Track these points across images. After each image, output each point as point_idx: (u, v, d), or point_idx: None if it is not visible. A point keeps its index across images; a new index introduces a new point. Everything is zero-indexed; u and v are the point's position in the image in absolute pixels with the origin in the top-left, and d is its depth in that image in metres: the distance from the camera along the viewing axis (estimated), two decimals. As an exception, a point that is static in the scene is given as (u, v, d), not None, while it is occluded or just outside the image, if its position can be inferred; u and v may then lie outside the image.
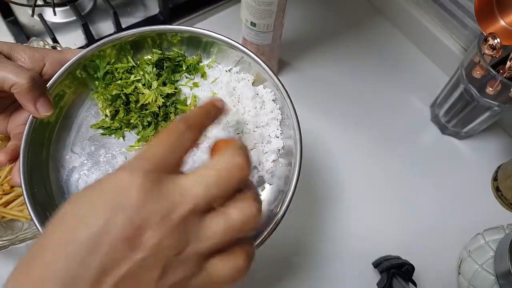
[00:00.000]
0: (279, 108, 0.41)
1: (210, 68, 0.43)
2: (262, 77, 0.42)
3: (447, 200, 0.60)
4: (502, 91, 0.53)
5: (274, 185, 0.40)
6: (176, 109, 0.41)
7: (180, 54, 0.43)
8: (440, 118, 0.66)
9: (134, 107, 0.40)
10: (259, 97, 0.42)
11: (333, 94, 0.68)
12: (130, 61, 0.41)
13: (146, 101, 0.39)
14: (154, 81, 0.40)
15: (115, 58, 0.41)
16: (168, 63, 0.42)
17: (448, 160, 0.64)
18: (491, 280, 0.48)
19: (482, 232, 0.53)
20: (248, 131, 0.41)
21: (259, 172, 0.41)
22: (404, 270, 0.51)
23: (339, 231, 0.56)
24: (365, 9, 0.80)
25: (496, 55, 0.52)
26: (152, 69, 0.40)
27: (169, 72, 0.42)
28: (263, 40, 0.59)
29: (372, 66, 0.72)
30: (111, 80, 0.41)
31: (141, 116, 0.40)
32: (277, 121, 0.41)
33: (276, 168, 0.40)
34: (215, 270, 0.24)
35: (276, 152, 0.41)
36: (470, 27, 0.65)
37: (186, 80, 0.43)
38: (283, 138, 0.41)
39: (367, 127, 0.66)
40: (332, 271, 0.54)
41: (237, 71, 0.44)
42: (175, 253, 0.22)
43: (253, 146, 0.40)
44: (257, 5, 0.53)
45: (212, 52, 0.43)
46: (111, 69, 0.40)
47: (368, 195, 0.60)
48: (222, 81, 0.43)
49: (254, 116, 0.41)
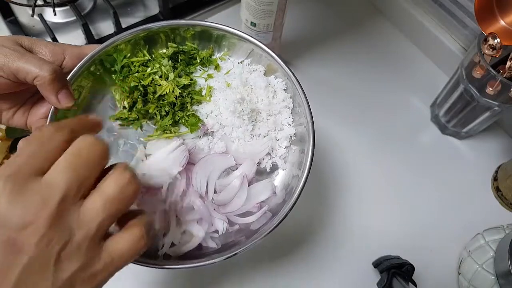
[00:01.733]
0: (290, 97, 0.43)
1: (222, 60, 0.45)
2: (273, 67, 0.43)
3: (447, 200, 0.60)
4: (502, 91, 0.53)
5: (287, 170, 0.42)
6: (192, 99, 0.42)
7: (194, 47, 0.44)
8: (440, 118, 0.66)
9: (152, 98, 0.41)
10: (271, 87, 0.43)
11: (333, 94, 0.68)
12: (146, 55, 0.42)
13: (163, 91, 0.40)
14: (171, 73, 0.41)
15: (130, 53, 0.42)
16: (182, 56, 0.43)
17: (448, 160, 0.64)
18: (491, 280, 0.48)
19: (482, 232, 0.53)
20: (261, 119, 0.42)
21: (273, 158, 0.42)
22: (404, 270, 0.51)
23: (339, 231, 0.56)
24: (365, 9, 0.80)
25: (496, 55, 0.52)
26: (167, 62, 0.42)
27: (184, 65, 0.43)
28: (263, 40, 0.58)
29: (372, 66, 0.72)
30: (127, 73, 0.42)
31: (159, 106, 0.41)
32: (288, 109, 0.43)
33: (289, 154, 0.42)
34: (115, 247, 0.24)
35: (289, 139, 0.43)
36: (470, 27, 0.65)
37: (200, 72, 0.44)
38: (295, 126, 0.43)
39: (367, 127, 0.66)
40: (332, 271, 0.54)
41: (248, 62, 0.45)
42: (62, 245, 0.22)
43: (267, 133, 0.42)
44: (257, 5, 0.53)
45: (224, 45, 0.45)
46: (127, 63, 0.42)
47: (368, 194, 0.60)
48: (235, 72, 0.44)
49: (268, 104, 0.42)
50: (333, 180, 0.60)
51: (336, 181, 0.60)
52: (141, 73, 0.41)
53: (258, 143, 0.42)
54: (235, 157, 0.41)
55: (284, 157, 0.42)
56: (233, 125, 0.42)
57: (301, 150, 0.41)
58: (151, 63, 0.42)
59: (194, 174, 0.39)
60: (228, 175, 0.41)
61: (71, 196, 0.23)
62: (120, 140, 0.42)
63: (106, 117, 0.42)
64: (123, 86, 0.41)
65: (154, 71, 0.41)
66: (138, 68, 0.42)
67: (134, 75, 0.41)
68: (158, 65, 0.42)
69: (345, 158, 0.62)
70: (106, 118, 0.42)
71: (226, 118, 0.42)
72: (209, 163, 0.40)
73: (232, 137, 0.42)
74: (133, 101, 0.41)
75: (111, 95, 0.43)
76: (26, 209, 0.22)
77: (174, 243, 0.38)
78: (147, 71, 0.41)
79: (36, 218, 0.22)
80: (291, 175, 0.41)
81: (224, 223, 0.39)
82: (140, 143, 0.42)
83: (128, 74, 0.42)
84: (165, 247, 0.37)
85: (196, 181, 0.39)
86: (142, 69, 0.42)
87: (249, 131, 0.42)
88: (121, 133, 0.42)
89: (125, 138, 0.42)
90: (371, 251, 0.55)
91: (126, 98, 0.41)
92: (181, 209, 0.38)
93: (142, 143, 0.42)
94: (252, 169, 0.41)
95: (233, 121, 0.41)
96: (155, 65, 0.41)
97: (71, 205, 0.23)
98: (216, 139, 0.42)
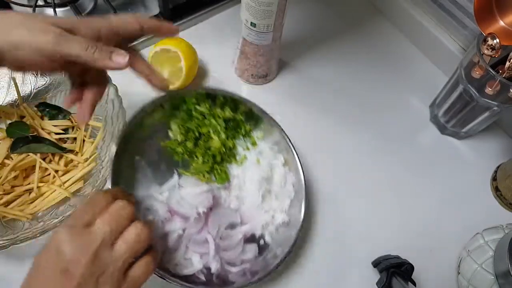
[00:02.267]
0: (294, 190, 0.52)
1: (258, 139, 0.54)
2: (290, 162, 0.53)
3: (446, 199, 0.60)
4: (501, 91, 0.53)
5: (271, 245, 0.50)
6: (230, 160, 0.51)
7: (241, 120, 0.53)
8: (439, 118, 0.66)
9: (202, 144, 0.50)
10: (284, 177, 0.52)
11: (333, 93, 0.68)
12: (207, 108, 0.51)
13: (213, 145, 0.50)
14: (223, 133, 0.51)
15: (196, 101, 0.51)
16: (232, 123, 0.52)
17: (447, 160, 0.64)
18: (491, 279, 0.48)
19: (482, 232, 0.53)
20: (270, 198, 0.52)
21: (264, 230, 0.51)
22: (404, 269, 0.51)
23: (338, 230, 0.56)
24: (365, 9, 0.80)
25: (495, 55, 0.52)
26: (222, 123, 0.51)
27: (233, 130, 0.52)
28: (263, 40, 0.59)
29: (371, 66, 0.72)
30: (190, 115, 0.51)
31: (205, 153, 0.50)
32: (289, 199, 0.52)
33: (277, 232, 0.51)
34: (134, 273, 0.36)
35: (282, 221, 0.51)
36: (469, 28, 0.65)
37: (241, 141, 0.53)
38: (288, 214, 0.51)
39: (366, 127, 0.66)
40: (331, 271, 0.54)
41: (275, 149, 0.54)
42: (100, 273, 0.34)
43: (268, 210, 0.51)
44: (257, 6, 0.53)
45: (261, 127, 0.54)
46: (192, 107, 0.50)
47: (367, 194, 0.60)
48: (265, 153, 0.53)
49: (278, 189, 0.52)
50: (332, 179, 0.60)
51: (335, 180, 0.60)
52: (203, 121, 0.51)
53: (260, 214, 0.50)
54: (241, 216, 0.50)
55: (271, 233, 0.50)
56: (249, 192, 0.51)
57: (288, 235, 0.48)
58: (209, 117, 0.51)
59: (211, 218, 0.48)
60: (232, 228, 0.49)
61: (107, 241, 0.35)
62: (163, 163, 0.51)
63: (159, 140, 0.51)
64: (183, 124, 0.50)
65: (213, 127, 0.50)
66: (198, 115, 0.51)
67: (195, 120, 0.50)
68: (215, 121, 0.51)
69: (344, 157, 0.62)
70: (159, 140, 0.51)
71: (247, 185, 0.51)
72: (223, 214, 0.49)
73: (245, 200, 0.51)
74: (185, 138, 0.50)
75: (167, 126, 0.51)
76: (78, 249, 0.33)
77: (176, 263, 0.46)
78: (206, 123, 0.50)
79: (83, 255, 0.33)
80: (274, 252, 0.49)
81: (218, 264, 0.47)
82: (175, 172, 0.51)
83: (190, 116, 0.51)
84: (170, 262, 0.46)
85: (212, 224, 0.48)
86: (201, 118, 0.51)
87: (258, 202, 0.51)
88: (165, 157, 0.51)
89: (166, 162, 0.51)
90: (370, 250, 0.55)
91: (180, 134, 0.50)
92: (194, 240, 0.47)
93: (177, 172, 0.51)
94: (250, 232, 0.50)
95: (250, 190, 0.51)
96: (212, 120, 0.51)
97: (106, 247, 0.34)
98: (233, 196, 0.51)
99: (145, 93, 0.66)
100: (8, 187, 0.51)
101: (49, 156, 0.54)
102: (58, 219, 0.47)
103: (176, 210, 0.47)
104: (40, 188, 0.52)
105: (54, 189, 0.52)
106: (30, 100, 0.59)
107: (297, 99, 0.67)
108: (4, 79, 0.58)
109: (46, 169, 0.53)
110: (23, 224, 0.50)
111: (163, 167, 0.51)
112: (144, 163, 0.50)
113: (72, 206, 0.50)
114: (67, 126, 0.57)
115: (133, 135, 0.48)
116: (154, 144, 0.50)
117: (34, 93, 0.59)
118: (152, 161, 0.50)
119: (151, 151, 0.50)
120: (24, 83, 0.59)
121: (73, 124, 0.57)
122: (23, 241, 0.45)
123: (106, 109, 0.56)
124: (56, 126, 0.56)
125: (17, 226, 0.50)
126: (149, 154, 0.50)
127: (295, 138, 0.53)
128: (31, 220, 0.50)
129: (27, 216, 0.50)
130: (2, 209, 0.50)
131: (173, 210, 0.47)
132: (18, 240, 0.45)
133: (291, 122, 0.55)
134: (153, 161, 0.50)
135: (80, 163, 0.54)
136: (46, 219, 0.50)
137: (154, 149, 0.50)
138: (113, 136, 0.53)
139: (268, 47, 0.61)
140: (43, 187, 0.52)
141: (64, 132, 0.56)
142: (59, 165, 0.54)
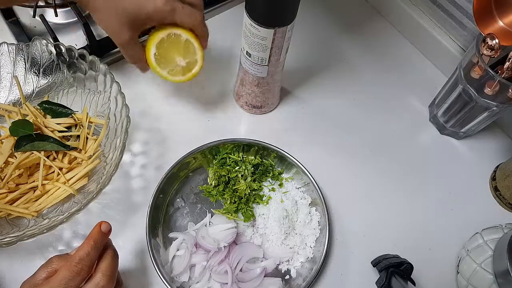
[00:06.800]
0: (320, 228, 0.55)
1: (287, 181, 0.59)
2: (316, 202, 0.56)
3: (446, 199, 0.61)
4: (501, 91, 0.54)
5: (295, 278, 0.53)
6: (255, 199, 0.57)
7: (272, 164, 0.60)
8: (438, 118, 0.66)
9: (231, 187, 0.56)
10: (310, 215, 0.56)
11: (332, 93, 0.69)
12: (239, 157, 0.58)
13: (239, 188, 0.56)
14: (249, 177, 0.57)
15: (231, 150, 0.59)
16: (261, 168, 0.58)
17: (447, 160, 0.64)
18: (490, 279, 0.48)
19: (481, 232, 0.54)
20: (294, 234, 0.55)
21: (289, 265, 0.54)
22: (403, 269, 0.51)
23: (337, 230, 0.57)
24: (364, 10, 0.80)
25: (495, 56, 0.53)
26: (251, 168, 0.57)
27: (260, 174, 0.58)
28: (258, 72, 0.57)
29: (370, 66, 0.73)
30: (223, 163, 0.58)
31: (232, 195, 0.56)
32: (315, 237, 0.55)
33: (302, 268, 0.54)
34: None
35: (306, 257, 0.54)
36: (468, 28, 0.66)
37: (268, 183, 0.59)
38: (314, 251, 0.54)
39: (365, 127, 0.66)
40: (331, 270, 0.54)
41: (302, 190, 0.58)
42: None
43: (293, 246, 0.54)
44: (251, 36, 0.51)
45: (291, 170, 0.59)
46: (226, 156, 0.58)
47: (367, 193, 0.60)
48: (291, 194, 0.57)
49: (302, 226, 0.55)
50: (332, 179, 0.60)
51: (335, 180, 0.60)
52: (232, 167, 0.57)
53: (284, 250, 0.54)
54: (264, 251, 0.54)
55: (297, 268, 0.53)
56: (272, 229, 0.54)
57: (310, 269, 0.52)
58: (241, 163, 0.58)
59: (233, 251, 0.53)
60: (254, 262, 0.53)
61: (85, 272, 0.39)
62: (199, 204, 0.57)
63: (197, 184, 0.58)
64: (217, 171, 0.57)
65: (241, 172, 0.57)
66: (231, 162, 0.58)
67: (226, 167, 0.57)
68: (245, 167, 0.57)
69: (343, 157, 0.63)
70: (197, 186, 0.58)
71: (270, 223, 0.55)
72: (245, 247, 0.53)
73: (268, 237, 0.54)
74: (218, 183, 0.57)
75: (207, 172, 0.59)
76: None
77: None
78: (235, 169, 0.57)
79: None
80: (297, 284, 0.52)
81: None
82: (209, 212, 0.57)
83: (223, 163, 0.58)
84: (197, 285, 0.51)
85: (233, 257, 0.52)
86: (233, 165, 0.58)
87: (281, 239, 0.54)
88: (202, 199, 0.58)
89: (202, 204, 0.57)
90: (370, 250, 0.55)
91: (215, 180, 0.57)
92: (215, 271, 0.51)
93: (211, 212, 0.56)
94: (272, 266, 0.53)
95: (274, 227, 0.54)
96: (242, 166, 0.57)
97: (87, 273, 0.39)
98: (257, 233, 0.55)
99: (147, 92, 0.66)
100: (13, 185, 0.52)
101: (53, 154, 0.54)
102: (63, 215, 0.47)
103: (200, 243, 0.52)
104: (44, 185, 0.52)
105: (58, 187, 0.52)
106: (33, 98, 0.59)
107: (297, 96, 0.68)
108: (6, 78, 0.59)
109: (50, 166, 0.53)
110: (28, 222, 0.50)
111: (201, 209, 0.57)
112: (183, 203, 0.57)
113: (76, 203, 0.51)
114: (70, 123, 0.57)
115: (177, 176, 0.57)
116: (194, 187, 0.58)
117: (36, 92, 0.60)
118: (191, 202, 0.57)
119: (190, 193, 0.58)
120: (26, 82, 0.59)
121: (76, 121, 0.58)
122: (30, 237, 0.45)
123: (109, 106, 0.56)
124: (60, 124, 0.57)
125: (23, 223, 0.50)
126: (188, 195, 0.58)
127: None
128: (36, 218, 0.51)
129: (32, 213, 0.50)
130: (8, 207, 0.50)
131: (198, 244, 0.52)
132: (26, 237, 0.45)
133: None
134: (191, 202, 0.57)
135: (84, 160, 0.55)
136: (51, 216, 0.50)
137: (192, 192, 0.58)
138: (116, 133, 0.54)
139: (264, 80, 0.58)
140: (48, 185, 0.52)
141: (67, 130, 0.57)
142: (63, 162, 0.54)
